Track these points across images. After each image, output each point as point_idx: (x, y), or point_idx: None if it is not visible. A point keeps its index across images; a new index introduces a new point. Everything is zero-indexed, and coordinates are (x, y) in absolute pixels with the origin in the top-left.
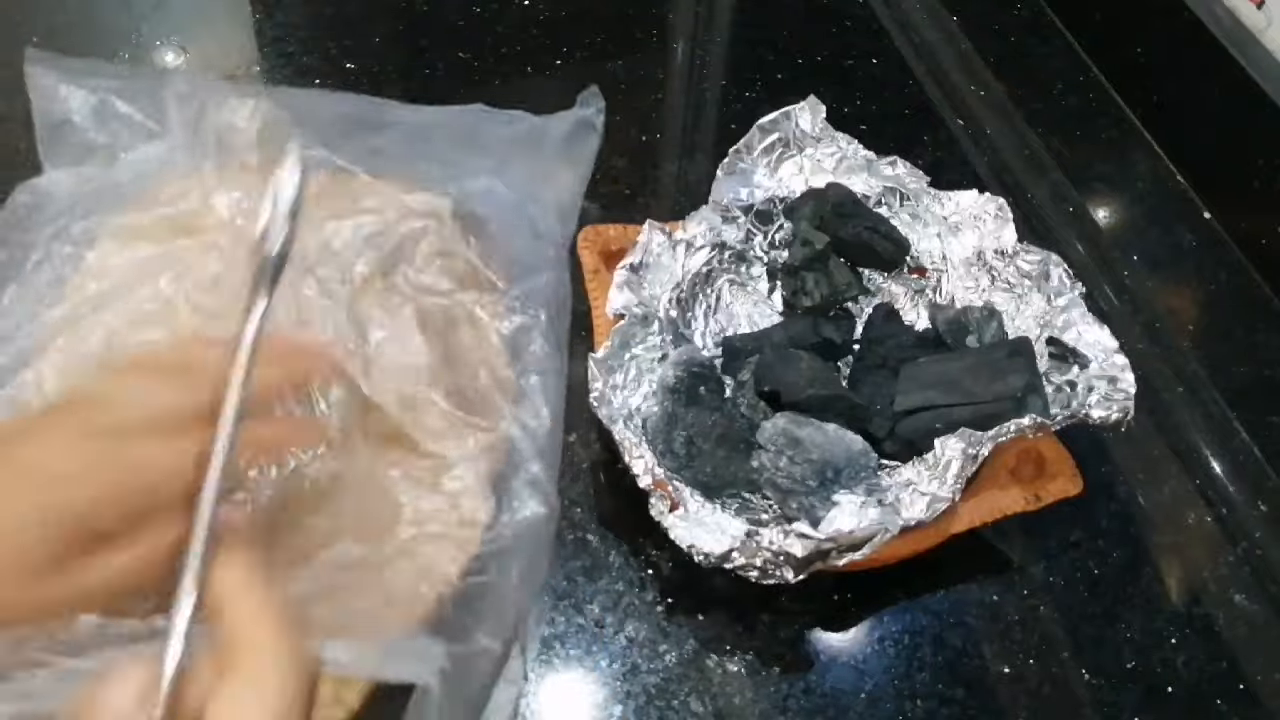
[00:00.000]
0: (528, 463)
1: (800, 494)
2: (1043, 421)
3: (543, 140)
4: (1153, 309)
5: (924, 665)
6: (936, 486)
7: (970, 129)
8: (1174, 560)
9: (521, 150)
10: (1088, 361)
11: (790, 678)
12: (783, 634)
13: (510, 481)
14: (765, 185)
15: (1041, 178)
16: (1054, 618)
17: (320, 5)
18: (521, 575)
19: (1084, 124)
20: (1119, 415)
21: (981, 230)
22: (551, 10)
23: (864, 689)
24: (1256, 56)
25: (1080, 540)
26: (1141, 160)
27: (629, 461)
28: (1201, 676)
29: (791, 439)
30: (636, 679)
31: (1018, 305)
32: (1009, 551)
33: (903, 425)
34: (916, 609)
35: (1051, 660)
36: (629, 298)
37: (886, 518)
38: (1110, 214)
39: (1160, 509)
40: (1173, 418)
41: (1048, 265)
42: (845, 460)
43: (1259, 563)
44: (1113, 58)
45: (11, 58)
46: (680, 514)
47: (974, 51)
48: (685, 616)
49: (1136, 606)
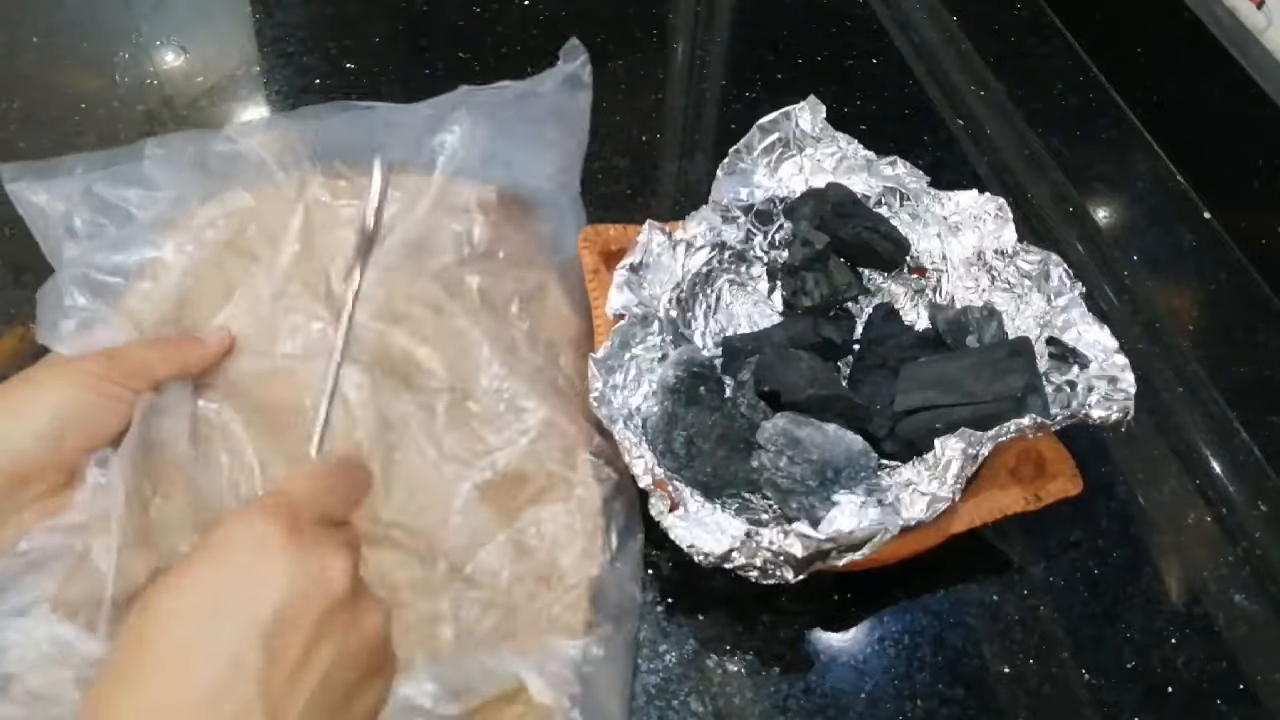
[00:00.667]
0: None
1: (800, 494)
2: (1043, 421)
3: (536, 101)
4: (1153, 309)
5: (924, 665)
6: (936, 486)
7: (970, 129)
8: (1174, 560)
9: (518, 117)
10: (1088, 361)
11: (790, 678)
12: (783, 634)
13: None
14: (765, 185)
15: (1041, 178)
16: (1054, 618)
17: (320, 5)
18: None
19: (1084, 124)
20: (1119, 415)
21: (981, 230)
22: (551, 10)
23: (864, 689)
24: (1256, 56)
25: (1080, 540)
26: (1141, 160)
27: (629, 461)
28: (1201, 676)
29: (791, 439)
30: (636, 679)
31: (1018, 305)
32: (1009, 551)
33: (903, 425)
34: (916, 609)
35: (1051, 660)
36: (629, 298)
37: (886, 518)
38: (1110, 214)
39: (1160, 509)
40: (1173, 418)
41: (1048, 265)
42: (845, 460)
43: (1259, 562)
44: (1113, 58)
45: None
46: (680, 514)
47: (974, 51)
48: (685, 616)
49: (1136, 606)
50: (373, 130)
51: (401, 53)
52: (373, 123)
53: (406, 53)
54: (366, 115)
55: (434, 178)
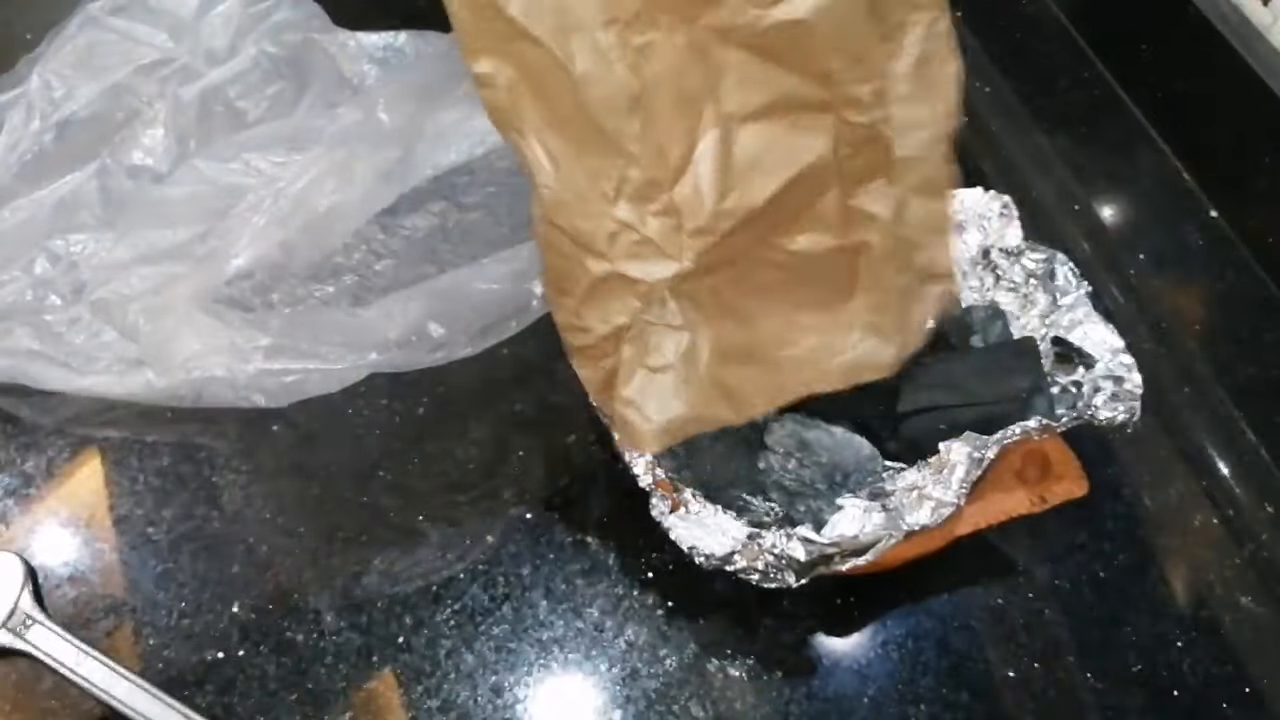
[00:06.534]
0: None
1: (808, 496)
2: (1048, 424)
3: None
4: (1159, 308)
5: (928, 669)
6: (941, 491)
7: (975, 125)
8: (1180, 562)
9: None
10: (1094, 361)
11: (792, 683)
12: (785, 638)
13: None
14: None
15: (1047, 175)
16: (1059, 621)
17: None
18: None
19: (1090, 121)
20: (1125, 416)
21: (986, 229)
22: None
23: (867, 694)
24: (1263, 53)
25: (1085, 543)
26: (1147, 158)
27: (629, 461)
28: (1207, 680)
29: (800, 441)
30: (636, 683)
31: (1023, 304)
32: (1014, 554)
33: (907, 426)
34: (920, 612)
35: (1056, 664)
36: None
37: (891, 523)
38: (1116, 212)
39: (1166, 511)
40: (1179, 418)
41: (1053, 264)
42: (854, 464)
43: (1266, 565)
44: (1119, 54)
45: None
46: (681, 515)
47: (979, 47)
48: (686, 620)
49: (1142, 609)
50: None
51: None
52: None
53: None
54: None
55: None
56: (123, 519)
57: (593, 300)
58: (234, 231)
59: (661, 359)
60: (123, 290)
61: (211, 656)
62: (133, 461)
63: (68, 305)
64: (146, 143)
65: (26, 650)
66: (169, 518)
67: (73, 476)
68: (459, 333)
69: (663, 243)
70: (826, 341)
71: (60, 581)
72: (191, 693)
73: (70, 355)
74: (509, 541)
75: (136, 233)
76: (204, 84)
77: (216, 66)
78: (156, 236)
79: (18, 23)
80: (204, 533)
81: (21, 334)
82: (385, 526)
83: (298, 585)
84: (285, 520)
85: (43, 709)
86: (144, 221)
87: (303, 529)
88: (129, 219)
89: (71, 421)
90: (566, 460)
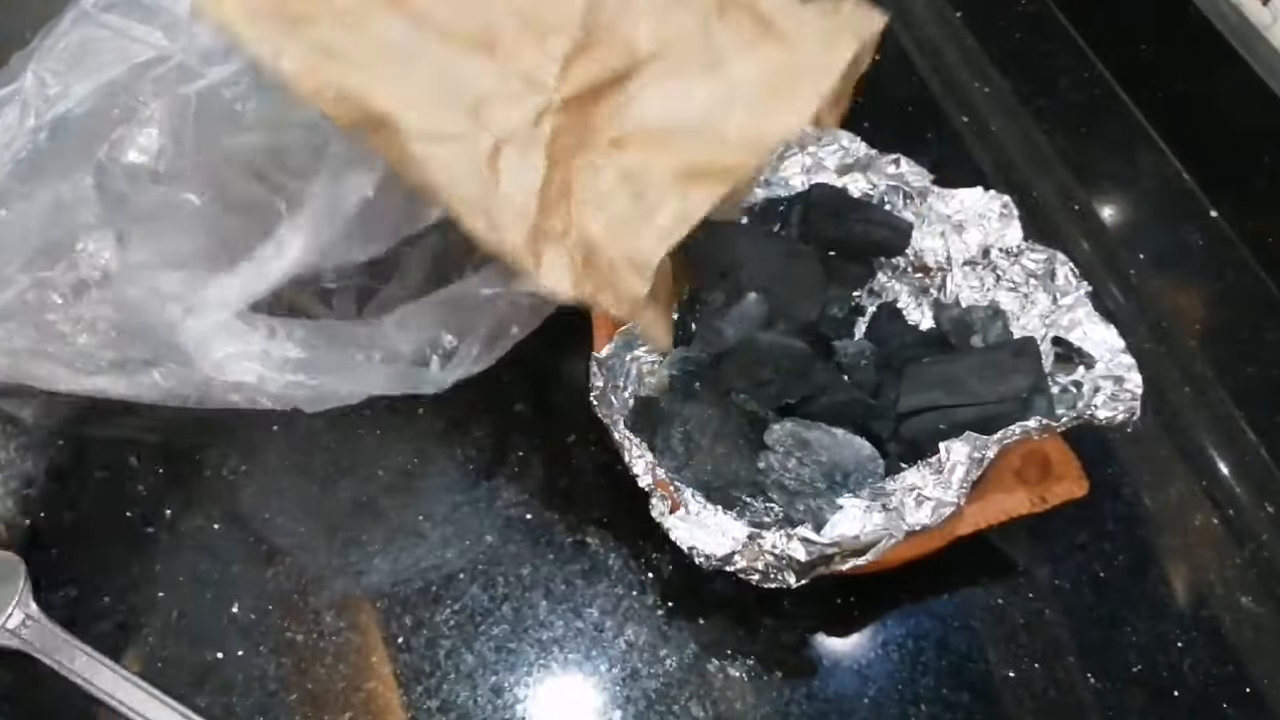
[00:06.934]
0: None
1: (808, 495)
2: (1048, 423)
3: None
4: (1159, 308)
5: (928, 670)
6: (941, 491)
7: (975, 126)
8: (1180, 563)
9: None
10: (1094, 361)
11: (792, 683)
12: (785, 638)
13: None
14: (767, 184)
15: (1047, 175)
16: (1059, 621)
17: None
18: None
19: (1090, 121)
20: (1125, 416)
21: (986, 228)
22: None
23: (867, 694)
24: (1262, 53)
25: (1086, 543)
26: (1147, 157)
27: (629, 462)
28: (1208, 680)
29: (800, 440)
30: (636, 684)
31: (1023, 304)
32: (1014, 554)
33: (907, 426)
34: (920, 613)
35: (1057, 664)
36: None
37: (891, 523)
38: (1116, 212)
39: (1167, 511)
40: (1179, 418)
41: (1053, 264)
42: (854, 464)
43: (1266, 565)
44: (1119, 54)
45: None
46: (681, 515)
47: (978, 48)
48: (686, 620)
49: (1142, 609)
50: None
51: None
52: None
53: None
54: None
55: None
56: (123, 519)
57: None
58: (272, 239)
59: (605, 184)
60: (161, 289)
61: (211, 656)
62: (132, 461)
63: (68, 305)
64: (143, 142)
65: (26, 650)
66: (169, 517)
67: (73, 476)
68: (473, 343)
69: (532, 79)
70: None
71: (60, 582)
72: (191, 693)
73: (72, 355)
74: (509, 541)
75: (159, 237)
76: (201, 84)
77: (211, 65)
78: (179, 241)
79: (9, 18)
80: (204, 533)
81: (22, 334)
82: (385, 526)
83: (298, 585)
84: (285, 520)
85: (42, 709)
86: (161, 225)
87: (303, 529)
88: (144, 223)
89: (72, 421)
90: (566, 460)
